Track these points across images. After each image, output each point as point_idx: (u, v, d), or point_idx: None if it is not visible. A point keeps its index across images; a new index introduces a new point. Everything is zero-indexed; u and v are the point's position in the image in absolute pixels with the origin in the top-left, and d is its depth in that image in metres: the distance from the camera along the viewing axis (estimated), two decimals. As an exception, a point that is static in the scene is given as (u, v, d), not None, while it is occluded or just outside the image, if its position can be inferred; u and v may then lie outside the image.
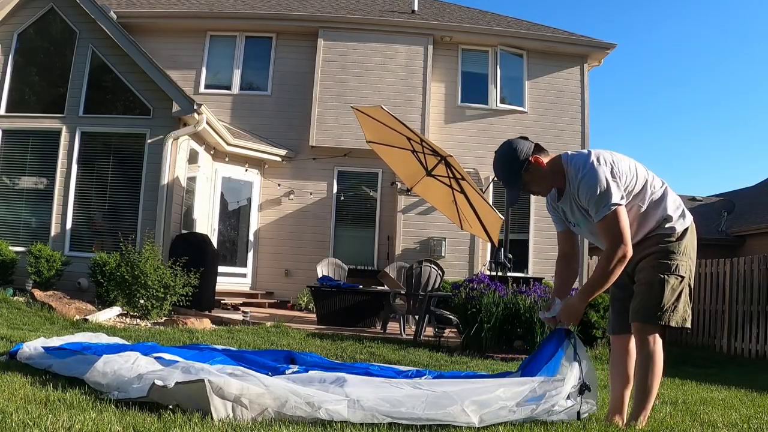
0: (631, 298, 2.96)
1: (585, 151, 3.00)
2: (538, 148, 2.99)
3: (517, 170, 2.95)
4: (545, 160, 2.97)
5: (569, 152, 3.04)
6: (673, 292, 2.86)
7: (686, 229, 2.93)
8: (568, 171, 2.92)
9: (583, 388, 2.95)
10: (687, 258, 2.91)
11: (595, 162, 2.85)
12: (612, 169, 2.83)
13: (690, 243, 2.94)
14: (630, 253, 2.78)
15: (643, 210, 2.90)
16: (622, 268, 2.81)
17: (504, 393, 2.88)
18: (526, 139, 3.01)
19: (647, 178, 2.94)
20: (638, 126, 52.09)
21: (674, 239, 2.90)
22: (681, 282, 2.88)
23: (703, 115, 49.12)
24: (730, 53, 45.69)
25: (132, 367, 3.28)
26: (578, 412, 2.97)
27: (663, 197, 2.93)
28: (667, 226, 2.90)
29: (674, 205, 2.94)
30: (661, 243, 2.90)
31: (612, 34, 50.14)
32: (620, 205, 2.77)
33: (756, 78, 45.31)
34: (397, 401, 2.83)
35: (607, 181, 2.78)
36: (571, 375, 2.96)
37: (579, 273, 11.65)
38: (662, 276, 2.86)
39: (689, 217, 2.99)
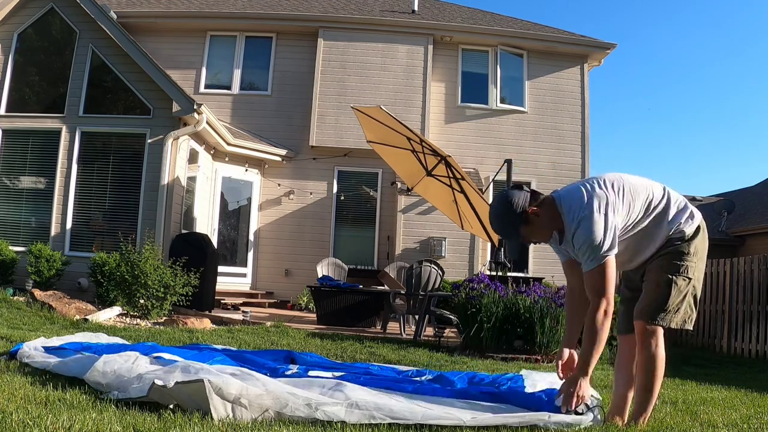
0: None
1: (580, 187, 2.91)
2: (534, 196, 2.90)
3: (516, 224, 2.87)
4: (541, 206, 2.89)
5: (560, 191, 2.98)
6: (679, 293, 2.85)
7: (697, 228, 2.92)
8: (564, 217, 2.87)
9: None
10: (697, 259, 2.90)
11: (592, 210, 2.77)
12: (607, 213, 2.76)
13: (701, 243, 2.92)
14: (612, 308, 2.77)
15: (649, 226, 2.89)
16: (609, 321, 2.78)
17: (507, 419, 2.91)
18: (520, 188, 2.92)
19: (648, 196, 2.89)
20: (639, 126, 52.14)
21: (685, 240, 2.89)
22: (688, 284, 2.87)
23: (703, 115, 49.17)
24: (729, 53, 45.73)
25: (132, 367, 3.29)
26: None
27: (666, 206, 2.90)
28: (676, 229, 2.90)
29: (677, 209, 2.91)
30: (672, 245, 2.89)
31: (613, 33, 50.21)
32: (609, 256, 2.74)
33: (756, 77, 45.36)
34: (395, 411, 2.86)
35: (599, 235, 2.72)
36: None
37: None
38: (670, 276, 2.85)
39: (698, 216, 2.95)
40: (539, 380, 3.74)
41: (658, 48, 47.54)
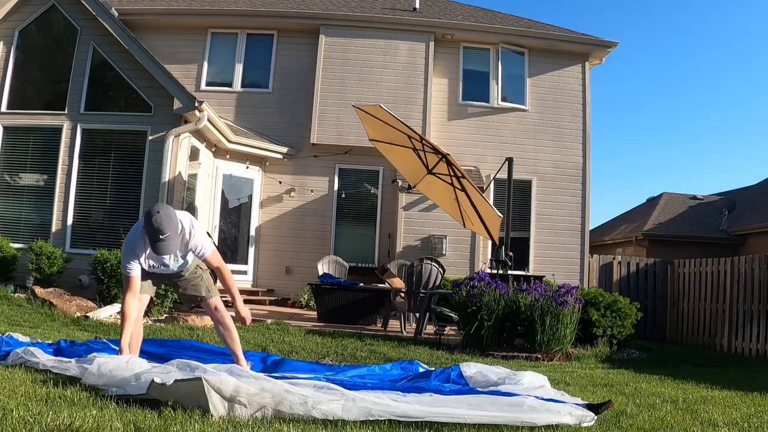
0: None
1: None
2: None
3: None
4: None
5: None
6: None
7: None
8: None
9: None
10: None
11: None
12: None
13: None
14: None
15: None
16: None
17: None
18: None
19: None
20: (639, 126, 52.07)
21: None
22: None
23: (704, 114, 49.09)
24: (728, 52, 45.66)
25: (127, 366, 3.29)
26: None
27: None
28: None
29: None
30: None
31: (614, 31, 50.03)
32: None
33: (756, 75, 45.25)
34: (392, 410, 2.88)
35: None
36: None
37: (580, 273, 11.66)
38: None
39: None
40: (525, 377, 3.81)
41: (659, 47, 47.48)
